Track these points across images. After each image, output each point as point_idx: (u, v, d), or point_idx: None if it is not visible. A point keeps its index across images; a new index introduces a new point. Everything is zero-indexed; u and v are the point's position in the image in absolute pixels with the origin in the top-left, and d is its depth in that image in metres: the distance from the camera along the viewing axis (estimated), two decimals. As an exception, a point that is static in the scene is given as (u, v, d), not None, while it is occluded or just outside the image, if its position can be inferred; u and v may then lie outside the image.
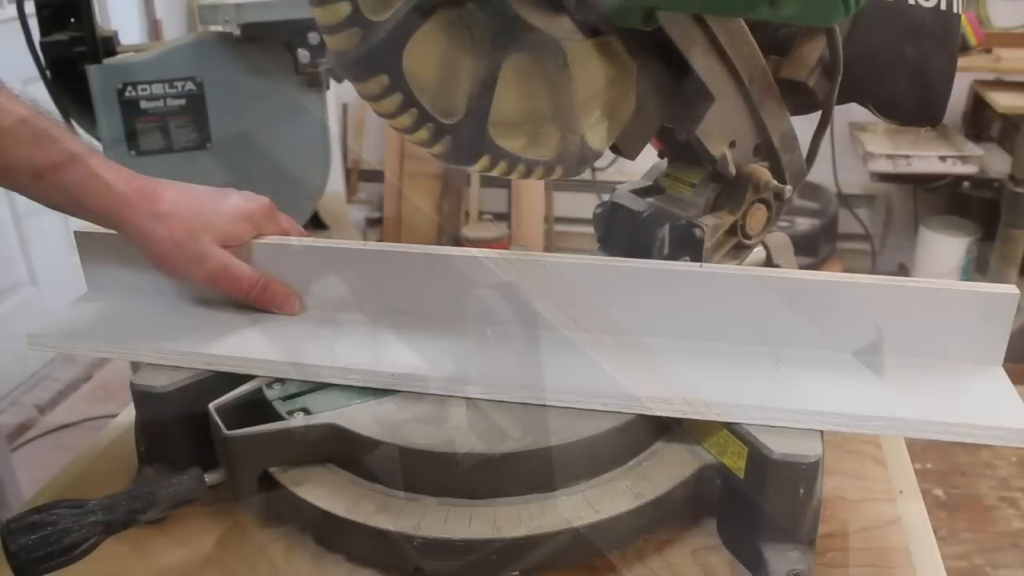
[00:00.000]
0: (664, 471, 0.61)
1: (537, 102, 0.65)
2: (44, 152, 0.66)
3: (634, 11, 0.62)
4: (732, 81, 0.69)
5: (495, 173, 0.65)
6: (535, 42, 0.62)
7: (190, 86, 1.58)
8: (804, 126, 0.76)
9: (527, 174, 0.66)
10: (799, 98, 0.72)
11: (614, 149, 0.71)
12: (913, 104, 0.74)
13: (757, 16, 0.58)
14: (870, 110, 0.76)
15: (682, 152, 0.78)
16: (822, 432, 0.59)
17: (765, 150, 0.75)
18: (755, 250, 0.79)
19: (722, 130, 0.72)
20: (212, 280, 0.71)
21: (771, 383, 0.63)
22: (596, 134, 0.68)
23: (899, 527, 0.66)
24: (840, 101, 0.73)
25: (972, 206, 2.68)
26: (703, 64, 0.67)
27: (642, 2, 0.61)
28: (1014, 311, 0.64)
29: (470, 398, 0.63)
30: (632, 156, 0.73)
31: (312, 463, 0.62)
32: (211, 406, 0.62)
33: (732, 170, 0.73)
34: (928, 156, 2.41)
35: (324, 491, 0.60)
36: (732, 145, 0.73)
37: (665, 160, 0.82)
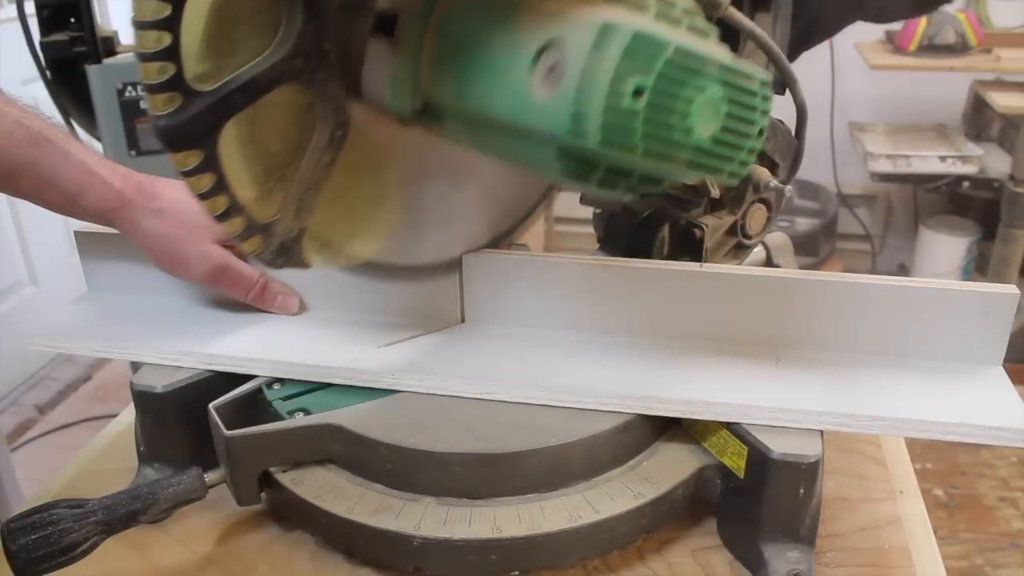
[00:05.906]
0: (664, 471, 0.61)
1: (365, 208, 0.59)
2: (42, 152, 0.66)
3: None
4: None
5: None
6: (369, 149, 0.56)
7: (190, 86, 1.57)
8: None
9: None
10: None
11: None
12: None
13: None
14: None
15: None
16: (822, 432, 0.59)
17: None
18: (755, 250, 0.79)
19: None
20: (211, 279, 0.71)
21: (771, 383, 0.63)
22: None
23: (899, 527, 0.66)
24: (828, 36, 0.70)
25: (972, 206, 2.68)
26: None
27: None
28: (1014, 311, 0.64)
29: (470, 398, 0.63)
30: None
31: (312, 463, 0.62)
32: (211, 406, 0.62)
33: (716, 192, 0.72)
34: (928, 156, 2.40)
35: (324, 491, 0.60)
36: None
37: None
